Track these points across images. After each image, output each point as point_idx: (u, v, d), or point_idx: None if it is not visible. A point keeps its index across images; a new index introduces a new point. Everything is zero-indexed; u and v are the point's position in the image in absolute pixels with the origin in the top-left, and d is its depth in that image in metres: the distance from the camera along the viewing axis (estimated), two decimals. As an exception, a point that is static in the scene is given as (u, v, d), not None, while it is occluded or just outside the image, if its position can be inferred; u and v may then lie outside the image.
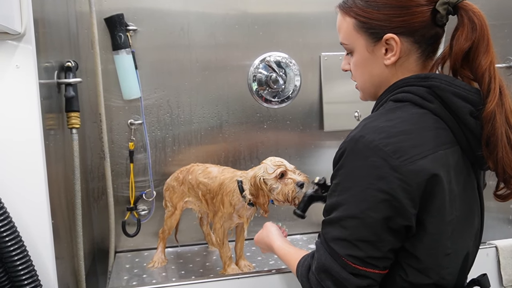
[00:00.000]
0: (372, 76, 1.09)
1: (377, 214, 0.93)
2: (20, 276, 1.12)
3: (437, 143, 0.96)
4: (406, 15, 1.01)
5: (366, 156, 0.93)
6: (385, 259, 0.97)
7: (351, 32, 1.08)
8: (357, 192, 0.94)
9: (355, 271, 0.95)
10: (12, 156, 1.19)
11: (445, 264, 1.00)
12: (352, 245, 0.95)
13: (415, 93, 1.00)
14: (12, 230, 1.11)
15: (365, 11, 1.04)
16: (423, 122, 0.98)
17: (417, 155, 0.92)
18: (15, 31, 1.13)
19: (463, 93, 0.97)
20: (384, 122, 0.97)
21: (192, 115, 2.14)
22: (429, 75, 1.01)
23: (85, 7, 1.92)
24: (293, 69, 2.18)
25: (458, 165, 0.99)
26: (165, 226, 1.96)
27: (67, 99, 1.55)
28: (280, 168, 1.54)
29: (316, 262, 1.01)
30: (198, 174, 1.82)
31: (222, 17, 2.11)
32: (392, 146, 0.92)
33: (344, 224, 0.96)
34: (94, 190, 2.08)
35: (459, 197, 0.99)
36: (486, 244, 1.60)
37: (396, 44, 1.03)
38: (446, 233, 0.98)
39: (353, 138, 0.96)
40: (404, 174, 0.91)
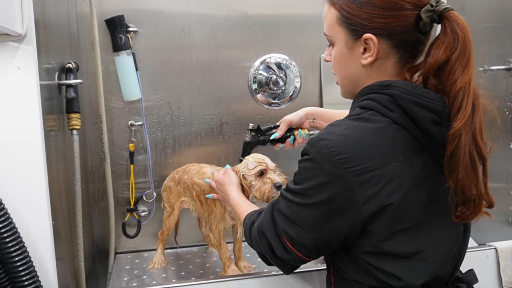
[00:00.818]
0: (348, 72, 1.09)
1: (314, 212, 0.99)
2: (21, 277, 1.12)
3: (392, 155, 0.96)
4: (388, 17, 0.99)
5: (318, 161, 0.96)
6: (308, 250, 1.04)
7: (334, 25, 1.06)
8: (305, 189, 0.99)
9: (284, 244, 1.06)
10: (13, 157, 1.19)
11: (404, 265, 1.00)
12: (289, 224, 1.04)
13: (378, 101, 1.00)
14: (12, 231, 1.11)
15: (349, 6, 1.02)
16: (380, 132, 0.97)
17: (365, 168, 0.94)
18: (16, 32, 1.13)
19: (424, 102, 0.96)
20: (343, 130, 0.98)
21: (193, 116, 2.14)
22: (391, 83, 1.00)
23: (86, 8, 1.93)
24: (294, 71, 2.18)
25: (423, 172, 0.98)
26: (164, 227, 1.97)
27: (67, 100, 1.55)
28: (260, 166, 1.54)
29: (259, 221, 1.13)
30: (193, 174, 1.83)
31: (222, 18, 2.11)
32: (342, 156, 0.94)
33: (290, 205, 1.04)
34: (94, 191, 2.08)
35: (425, 204, 0.98)
36: (486, 245, 1.60)
37: (373, 45, 1.01)
38: (400, 238, 0.98)
39: (313, 140, 0.99)
40: (348, 185, 0.94)
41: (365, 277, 1.04)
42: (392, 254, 0.99)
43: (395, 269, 1.00)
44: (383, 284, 1.01)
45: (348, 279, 1.08)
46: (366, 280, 1.04)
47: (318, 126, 1.65)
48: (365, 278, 1.04)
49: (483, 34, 2.12)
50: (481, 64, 2.09)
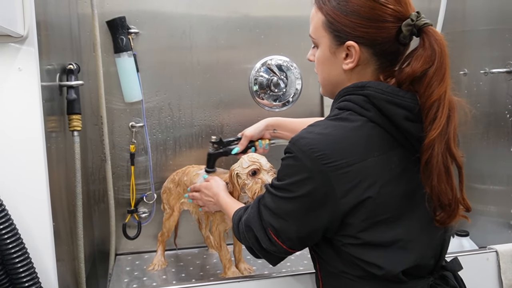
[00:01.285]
0: (330, 75, 1.14)
1: (294, 206, 1.05)
2: (21, 278, 1.12)
3: (368, 151, 1.01)
4: (371, 28, 1.04)
5: (298, 158, 1.02)
6: (291, 242, 1.09)
7: (319, 28, 1.11)
8: (288, 184, 1.05)
9: (269, 236, 1.11)
10: (14, 158, 1.19)
11: (383, 254, 1.04)
12: (273, 217, 1.09)
13: (354, 101, 1.05)
14: (13, 232, 1.11)
15: (335, 12, 1.06)
16: (357, 130, 1.02)
17: (344, 163, 0.99)
18: (17, 33, 1.13)
19: (396, 100, 1.01)
20: (322, 129, 1.04)
21: (193, 118, 2.14)
22: (365, 84, 1.05)
23: (87, 9, 1.93)
24: (294, 73, 2.18)
25: (399, 167, 1.03)
26: (164, 228, 1.97)
27: (68, 102, 1.56)
28: (253, 165, 1.56)
29: (246, 216, 1.19)
30: (193, 176, 1.84)
31: (224, 20, 2.12)
32: (322, 152, 0.99)
33: (274, 199, 1.09)
34: (95, 192, 2.08)
35: (401, 197, 1.03)
36: (487, 248, 1.59)
37: (355, 52, 1.06)
38: (378, 229, 1.03)
39: (294, 139, 1.04)
40: (327, 180, 0.99)
41: (350, 268, 1.08)
42: (371, 244, 1.04)
43: (375, 258, 1.04)
44: (366, 273, 1.06)
45: (335, 272, 1.12)
46: (352, 270, 1.08)
47: (279, 135, 1.78)
48: (351, 268, 1.08)
49: (484, 37, 2.12)
50: (482, 67, 2.09)
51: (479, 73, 2.11)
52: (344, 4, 1.05)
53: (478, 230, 2.15)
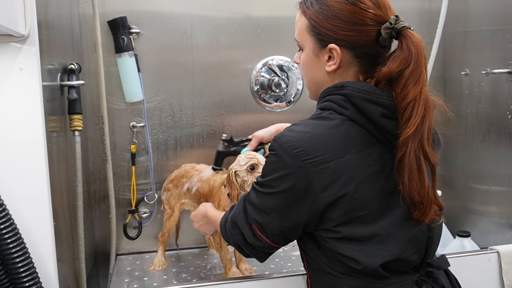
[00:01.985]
0: (314, 77, 1.18)
1: (278, 201, 1.08)
2: (22, 278, 1.12)
3: (345, 148, 1.04)
4: (352, 31, 1.08)
5: (279, 155, 1.06)
6: (275, 236, 1.12)
7: (304, 32, 1.15)
8: (270, 180, 1.08)
9: (254, 231, 1.14)
10: (15, 158, 1.19)
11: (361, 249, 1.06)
12: (257, 212, 1.12)
13: (334, 101, 1.09)
14: (14, 232, 1.11)
15: (317, 17, 1.11)
16: (336, 128, 1.06)
17: (321, 159, 1.03)
18: (19, 33, 1.13)
19: (373, 97, 1.05)
20: (302, 128, 1.08)
21: (194, 118, 2.14)
22: (344, 84, 1.09)
23: (88, 9, 1.93)
24: (295, 73, 2.18)
25: (378, 164, 1.06)
26: (164, 228, 1.97)
27: (69, 102, 1.56)
28: (251, 161, 1.57)
29: (232, 213, 1.22)
30: (192, 178, 1.84)
31: (225, 20, 2.12)
32: (301, 149, 1.03)
33: (258, 194, 1.12)
34: (95, 192, 2.08)
35: (379, 193, 1.05)
36: (488, 249, 1.59)
37: (337, 55, 1.10)
38: (356, 224, 1.05)
39: (275, 137, 1.09)
40: (306, 175, 1.03)
41: (334, 264, 1.10)
42: (350, 238, 1.06)
43: (353, 252, 1.06)
44: (348, 268, 1.08)
45: (321, 269, 1.14)
46: (335, 266, 1.10)
47: None
48: (334, 265, 1.10)
49: (485, 37, 2.11)
50: (484, 67, 2.09)
51: (481, 73, 2.11)
52: (326, 8, 1.09)
53: (479, 231, 2.15)
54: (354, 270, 1.07)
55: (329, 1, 1.09)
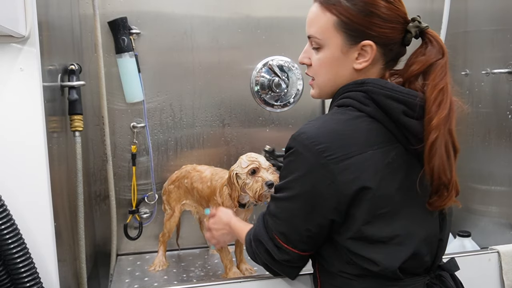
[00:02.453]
0: (337, 76, 1.14)
1: (301, 203, 1.06)
2: (22, 278, 1.12)
3: (367, 144, 1.04)
4: (386, 28, 1.08)
5: (300, 152, 1.04)
6: (303, 243, 1.10)
7: (329, 29, 1.11)
8: (291, 180, 1.06)
9: (279, 245, 1.12)
10: (15, 158, 1.19)
11: (381, 250, 1.05)
12: (280, 223, 1.10)
13: (354, 98, 1.08)
14: (14, 233, 1.11)
15: (351, 13, 1.07)
16: (356, 124, 1.05)
17: (344, 155, 1.01)
18: (19, 34, 1.13)
19: (395, 95, 1.04)
20: (321, 123, 1.07)
21: (195, 119, 2.14)
22: (365, 80, 1.08)
23: (88, 10, 1.94)
24: (296, 73, 2.18)
25: (396, 162, 1.05)
26: (165, 229, 1.97)
27: (70, 102, 1.56)
28: (253, 164, 1.56)
29: (253, 231, 1.20)
30: (193, 178, 1.84)
31: (225, 21, 2.12)
32: (322, 145, 1.02)
33: (278, 203, 1.10)
34: (96, 192, 2.09)
35: (398, 191, 1.05)
36: (488, 249, 1.59)
37: (371, 51, 1.09)
38: (378, 223, 1.04)
39: (294, 135, 1.07)
40: (330, 172, 1.01)
41: (347, 266, 1.09)
42: (371, 239, 1.05)
43: (372, 254, 1.05)
44: (363, 271, 1.07)
45: (332, 272, 1.13)
46: (348, 269, 1.09)
47: None
48: (348, 267, 1.09)
49: (486, 37, 2.12)
50: (484, 67, 2.09)
51: (481, 73, 2.11)
52: (362, 5, 1.07)
53: (479, 230, 2.15)
54: (369, 272, 1.07)
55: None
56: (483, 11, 2.14)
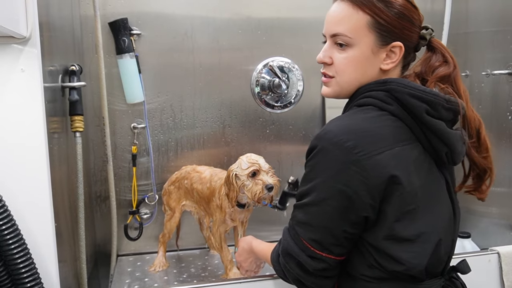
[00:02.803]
0: (364, 75, 1.14)
1: (334, 203, 1.03)
2: (23, 279, 1.12)
3: (394, 140, 1.05)
4: (411, 31, 1.12)
5: (329, 151, 1.02)
6: (340, 246, 1.07)
7: (362, 28, 1.10)
8: (319, 183, 1.04)
9: (313, 254, 1.07)
10: (16, 159, 1.20)
11: (409, 249, 1.05)
12: (312, 229, 1.07)
13: (376, 97, 1.09)
14: (15, 233, 1.11)
15: (386, 14, 1.09)
16: (382, 122, 1.06)
17: (374, 151, 1.01)
18: (20, 35, 1.14)
19: (418, 93, 1.06)
20: (347, 121, 1.07)
21: (195, 119, 2.14)
22: (387, 80, 1.10)
23: (89, 11, 1.94)
24: (296, 74, 2.18)
25: (418, 160, 1.07)
26: (165, 230, 1.97)
27: (71, 103, 1.56)
28: (253, 167, 1.56)
29: (281, 247, 1.15)
30: (192, 179, 1.84)
31: (225, 21, 2.12)
32: (352, 142, 1.01)
33: (307, 210, 1.07)
34: (97, 193, 2.09)
35: (420, 189, 1.06)
36: (488, 250, 1.59)
37: (400, 53, 1.11)
38: (406, 221, 1.05)
39: (319, 134, 1.06)
40: (362, 168, 1.00)
41: (369, 270, 1.08)
42: (400, 237, 1.05)
43: (400, 253, 1.05)
44: (386, 274, 1.07)
45: (353, 275, 1.11)
46: (370, 272, 1.08)
47: None
48: (370, 271, 1.08)
49: (486, 39, 2.12)
50: (484, 69, 2.09)
51: (481, 74, 2.11)
52: (396, 6, 1.09)
53: (480, 231, 2.15)
54: (391, 275, 1.06)
55: (395, 0, 1.10)
56: (483, 12, 2.14)
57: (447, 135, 1.07)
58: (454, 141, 1.09)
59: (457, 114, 1.11)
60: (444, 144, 1.08)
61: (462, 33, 2.23)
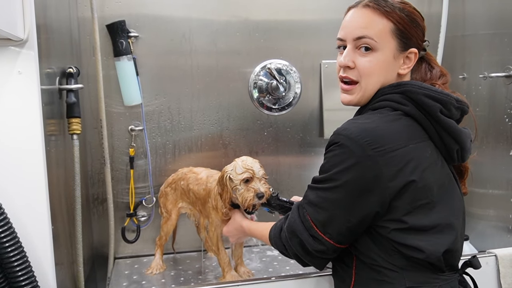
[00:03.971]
0: (385, 79, 1.20)
1: (345, 193, 1.09)
2: (20, 282, 1.12)
3: (408, 138, 1.11)
4: (422, 41, 1.22)
5: (346, 145, 1.08)
6: (341, 235, 1.13)
7: (386, 34, 1.17)
8: (335, 173, 1.10)
9: (315, 234, 1.14)
10: (13, 161, 1.19)
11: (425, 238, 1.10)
12: (320, 211, 1.13)
13: (391, 99, 1.16)
14: (12, 236, 1.11)
15: (406, 22, 1.18)
16: (397, 121, 1.12)
17: (389, 148, 1.07)
18: (18, 37, 1.13)
19: (432, 94, 1.13)
20: (364, 120, 1.13)
21: (193, 122, 2.14)
22: (401, 83, 1.17)
23: (87, 13, 1.94)
24: (294, 77, 2.19)
25: (432, 157, 1.14)
26: (162, 232, 1.97)
27: (68, 105, 1.56)
28: (247, 173, 1.57)
29: (287, 222, 1.21)
30: (189, 180, 1.84)
31: (223, 24, 2.12)
32: (369, 138, 1.07)
33: (320, 193, 1.14)
34: (94, 196, 2.08)
35: (435, 184, 1.12)
36: (486, 252, 1.59)
37: (415, 59, 1.20)
38: (419, 214, 1.10)
39: (338, 130, 1.12)
40: (376, 163, 1.06)
41: (389, 258, 1.12)
42: (414, 228, 1.10)
43: (417, 242, 1.10)
44: (408, 261, 1.11)
45: (373, 265, 1.14)
46: (391, 260, 1.12)
47: None
48: (390, 258, 1.12)
49: (483, 41, 2.12)
50: (481, 71, 2.10)
51: (478, 77, 2.12)
52: (412, 16, 1.19)
53: (477, 234, 2.15)
54: (415, 262, 1.10)
55: (412, 10, 1.20)
56: (480, 15, 2.15)
57: (459, 133, 1.15)
58: (464, 138, 1.17)
59: (463, 113, 1.20)
60: (455, 142, 1.15)
61: (459, 35, 2.24)
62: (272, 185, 2.21)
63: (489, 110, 2.10)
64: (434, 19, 2.21)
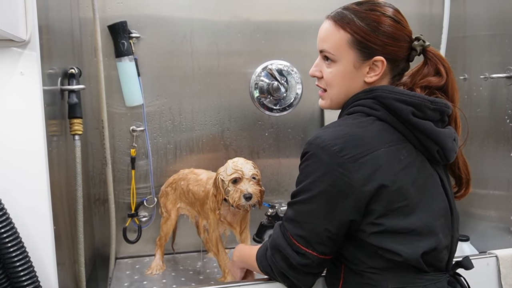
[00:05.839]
0: (349, 89, 1.22)
1: (319, 202, 1.11)
2: (22, 282, 1.12)
3: (379, 142, 1.11)
4: (395, 46, 1.18)
5: (317, 154, 1.10)
6: (323, 245, 1.14)
7: (343, 46, 1.19)
8: (308, 184, 1.12)
9: (298, 250, 1.15)
10: (15, 162, 1.20)
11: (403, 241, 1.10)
12: (299, 226, 1.14)
13: (363, 104, 1.17)
14: (14, 236, 1.11)
15: (365, 32, 1.17)
16: (368, 126, 1.13)
17: (359, 154, 1.08)
18: (20, 38, 1.14)
19: (403, 97, 1.12)
20: (335, 127, 1.15)
21: (194, 122, 2.14)
22: (373, 88, 1.18)
23: (88, 14, 1.94)
24: (295, 77, 2.19)
25: (408, 159, 1.13)
26: (162, 232, 1.97)
27: (70, 106, 1.56)
28: (235, 174, 1.59)
29: (270, 240, 1.23)
30: (189, 180, 1.85)
31: (224, 25, 2.13)
32: (338, 146, 1.08)
33: (296, 208, 1.15)
34: (95, 196, 2.09)
35: (412, 185, 1.12)
36: (487, 253, 1.59)
37: (382, 66, 1.18)
38: (396, 216, 1.10)
39: (310, 140, 1.14)
40: (347, 170, 1.07)
41: (372, 261, 1.13)
42: (391, 231, 1.10)
43: (394, 245, 1.10)
44: (388, 262, 1.11)
45: (360, 270, 1.15)
46: (374, 263, 1.13)
47: None
48: (372, 262, 1.13)
49: (484, 42, 2.12)
50: (482, 72, 2.10)
51: (479, 78, 2.12)
52: (375, 25, 1.16)
53: (478, 235, 2.15)
54: (395, 264, 1.11)
55: (377, 19, 1.17)
56: (481, 16, 2.15)
57: (436, 134, 1.14)
58: (443, 138, 1.15)
59: (444, 114, 1.17)
60: (434, 143, 1.14)
61: (461, 36, 2.24)
62: (273, 186, 2.23)
63: (490, 111, 2.10)
64: (436, 20, 2.21)
